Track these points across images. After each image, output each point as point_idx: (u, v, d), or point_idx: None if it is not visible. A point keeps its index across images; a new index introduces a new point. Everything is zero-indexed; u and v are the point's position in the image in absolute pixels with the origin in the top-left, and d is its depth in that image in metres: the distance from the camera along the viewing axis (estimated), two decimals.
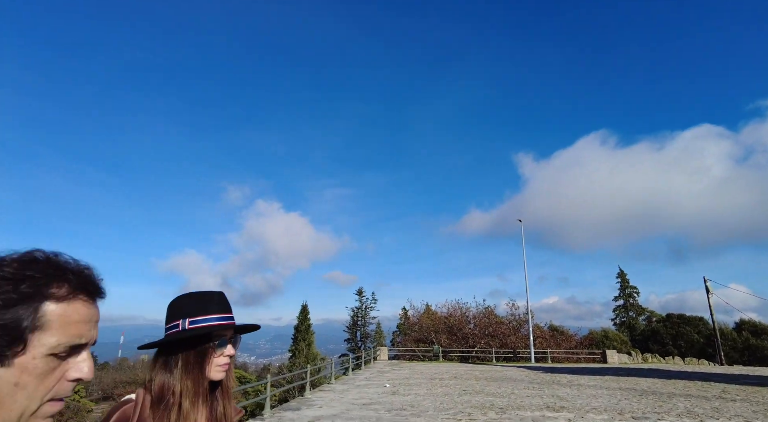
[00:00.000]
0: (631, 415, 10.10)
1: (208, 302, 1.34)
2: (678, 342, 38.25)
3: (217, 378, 1.33)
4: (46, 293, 0.72)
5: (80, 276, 0.75)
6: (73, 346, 0.73)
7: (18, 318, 0.69)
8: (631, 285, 50.13)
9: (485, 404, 11.71)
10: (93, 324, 0.75)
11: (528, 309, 30.46)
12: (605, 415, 10.12)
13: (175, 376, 1.25)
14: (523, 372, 21.05)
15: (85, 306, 0.75)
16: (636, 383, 16.48)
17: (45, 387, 0.70)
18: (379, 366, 24.80)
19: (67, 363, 0.73)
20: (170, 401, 1.23)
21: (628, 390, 14.52)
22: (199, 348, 1.30)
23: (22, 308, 0.70)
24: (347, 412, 10.57)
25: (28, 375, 0.69)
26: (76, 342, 0.73)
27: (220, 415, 1.36)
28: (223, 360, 1.34)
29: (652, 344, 39.36)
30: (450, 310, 33.83)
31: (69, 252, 0.76)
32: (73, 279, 0.74)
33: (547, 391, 14.24)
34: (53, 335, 0.71)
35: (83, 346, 0.74)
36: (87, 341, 0.75)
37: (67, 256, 0.74)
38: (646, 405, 11.53)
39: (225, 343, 1.35)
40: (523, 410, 10.87)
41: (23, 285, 0.70)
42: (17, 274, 0.71)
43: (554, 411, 10.74)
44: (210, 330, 1.30)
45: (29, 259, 0.73)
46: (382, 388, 14.95)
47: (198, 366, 1.28)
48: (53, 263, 0.73)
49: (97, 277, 0.76)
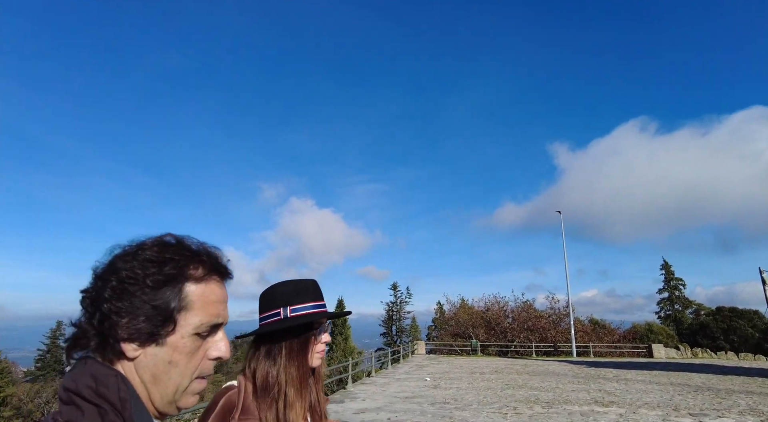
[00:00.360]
0: (688, 412, 9.64)
1: (306, 290, 1.34)
2: (730, 336, 36.47)
3: (316, 365, 1.34)
4: (187, 275, 0.73)
5: (213, 258, 0.78)
6: (212, 325, 0.75)
7: (167, 299, 0.71)
8: (676, 277, 48.13)
9: (530, 398, 11.47)
10: (226, 305, 0.79)
11: (569, 303, 29.72)
12: (659, 411, 9.71)
13: (279, 365, 1.25)
14: (565, 367, 20.55)
15: (219, 287, 0.77)
16: (688, 378, 15.78)
17: (193, 364, 0.73)
18: (417, 360, 24.78)
19: (207, 342, 0.75)
20: (275, 390, 1.22)
21: (680, 385, 13.92)
22: (302, 336, 1.30)
23: (168, 289, 0.71)
24: (391, 405, 10.58)
25: (179, 354, 0.71)
26: (215, 321, 0.75)
27: (315, 402, 1.36)
28: (321, 346, 1.35)
29: (701, 338, 37.69)
30: (488, 304, 33.41)
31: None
32: (207, 261, 0.76)
33: (593, 386, 13.83)
34: (196, 315, 0.73)
35: (220, 326, 0.77)
36: (223, 321, 0.77)
37: (196, 239, 0.78)
38: (702, 401, 10.99)
39: (323, 330, 1.36)
40: (570, 404, 10.58)
41: (167, 267, 0.71)
42: (160, 257, 0.72)
43: (603, 406, 10.40)
44: (315, 317, 1.30)
45: (166, 242, 0.75)
46: (423, 382, 14.91)
47: (302, 354, 1.29)
48: (187, 246, 0.76)
49: (226, 259, 0.80)
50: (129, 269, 0.70)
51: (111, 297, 0.68)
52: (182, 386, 0.72)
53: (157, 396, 0.71)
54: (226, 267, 0.80)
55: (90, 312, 0.69)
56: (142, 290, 0.69)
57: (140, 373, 0.70)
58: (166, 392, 0.71)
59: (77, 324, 0.71)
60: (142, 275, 0.70)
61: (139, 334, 0.69)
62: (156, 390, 0.70)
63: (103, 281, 0.70)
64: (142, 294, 0.69)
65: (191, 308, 0.73)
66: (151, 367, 0.70)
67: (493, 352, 29.52)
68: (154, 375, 0.70)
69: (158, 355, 0.70)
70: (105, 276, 0.70)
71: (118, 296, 0.68)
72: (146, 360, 0.70)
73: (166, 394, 0.71)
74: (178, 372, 0.71)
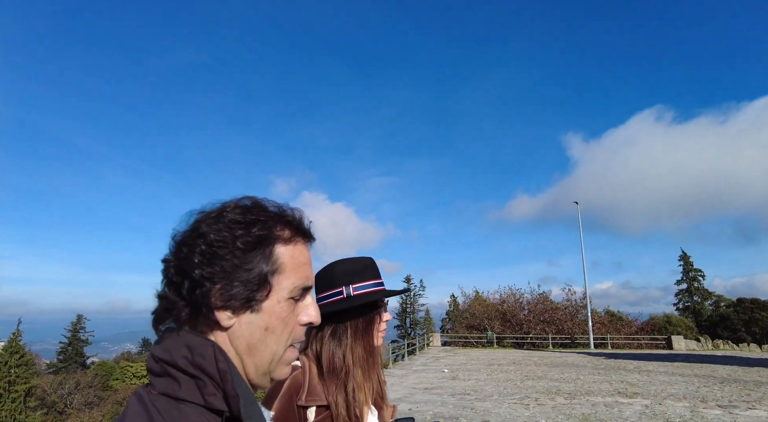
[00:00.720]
0: (716, 403, 9.41)
1: (365, 267, 1.29)
2: (752, 328, 35.80)
3: (379, 344, 1.28)
4: (275, 236, 0.69)
5: (298, 220, 0.74)
6: (303, 288, 0.72)
7: (259, 261, 0.66)
8: (695, 268, 47.34)
9: (551, 389, 11.32)
10: (312, 267, 0.76)
11: (586, 294, 29.38)
12: (686, 402, 9.49)
13: (345, 345, 1.20)
14: (584, 358, 20.32)
15: (305, 249, 0.74)
16: (713, 370, 15.46)
17: (288, 331, 0.69)
18: (433, 352, 24.74)
19: (298, 307, 0.72)
20: (343, 372, 1.17)
21: (705, 377, 13.63)
22: (367, 316, 1.25)
23: (259, 252, 0.66)
24: (410, 396, 10.52)
25: (276, 319, 0.67)
26: (306, 284, 0.72)
27: (376, 383, 1.30)
28: (384, 325, 1.31)
29: (722, 330, 37.06)
30: (503, 296, 33.20)
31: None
32: (292, 222, 0.72)
33: (614, 377, 13.63)
34: (288, 277, 0.69)
35: (309, 289, 0.74)
36: (312, 284, 0.74)
37: (275, 201, 0.74)
38: (730, 393, 10.73)
39: (384, 309, 1.31)
40: (592, 395, 10.41)
41: (254, 228, 0.66)
42: (246, 218, 0.67)
43: (627, 397, 10.21)
44: (378, 296, 1.24)
45: (249, 204, 0.70)
46: (441, 373, 14.84)
47: (368, 334, 1.24)
48: (271, 207, 0.72)
49: (309, 221, 0.76)
50: (216, 232, 0.65)
51: (201, 263, 0.63)
52: (278, 354, 0.69)
53: (251, 368, 0.67)
54: (310, 229, 0.76)
55: (177, 281, 0.64)
56: (233, 253, 0.64)
57: (235, 344, 0.65)
58: (261, 362, 0.67)
59: (163, 295, 0.65)
60: (231, 237, 0.65)
61: (234, 300, 0.64)
62: (251, 360, 0.66)
63: (188, 247, 0.64)
64: (233, 258, 0.64)
65: (283, 270, 0.68)
66: (247, 336, 0.66)
67: (509, 344, 29.35)
68: (249, 345, 0.66)
69: (254, 322, 0.66)
70: (190, 241, 0.65)
71: (209, 261, 0.63)
72: (241, 328, 0.65)
73: (261, 364, 0.67)
74: (274, 339, 0.67)
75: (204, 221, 0.67)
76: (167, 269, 0.66)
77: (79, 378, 37.76)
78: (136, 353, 63.27)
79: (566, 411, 8.79)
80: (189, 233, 0.66)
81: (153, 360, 0.63)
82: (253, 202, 0.71)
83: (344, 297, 1.23)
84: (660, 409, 8.85)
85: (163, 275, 0.66)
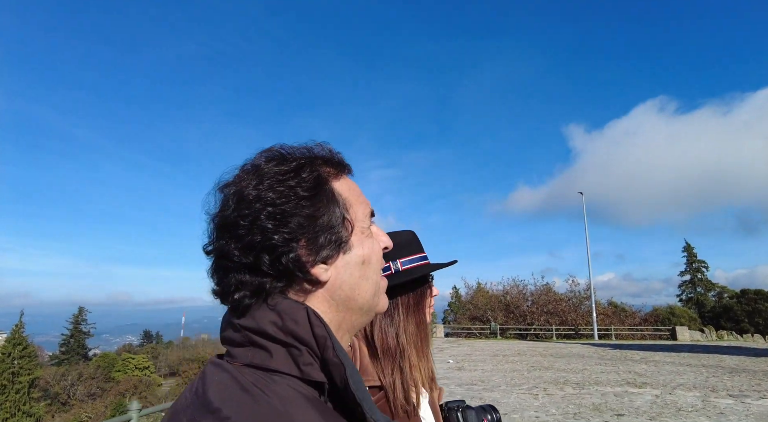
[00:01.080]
0: (727, 392, 9.29)
1: (410, 241, 1.20)
2: (755, 319, 35.76)
3: (429, 320, 1.19)
4: (325, 174, 0.64)
5: (332, 154, 0.68)
6: (371, 215, 0.69)
7: (328, 202, 0.61)
8: (699, 260, 47.24)
9: (559, 379, 11.22)
10: None
11: (590, 285, 29.29)
12: (696, 392, 9.37)
13: (397, 323, 1.11)
14: (589, 349, 20.25)
15: (352, 180, 0.70)
16: (720, 360, 15.36)
17: (378, 257, 0.65)
18: (436, 343, 24.69)
19: (372, 233, 0.68)
20: (398, 352, 1.06)
21: (713, 367, 13.52)
22: (417, 290, 1.15)
23: (322, 193, 0.61)
24: None
25: (367, 250, 0.63)
26: (371, 210, 0.69)
27: (429, 362, 1.20)
28: (432, 301, 1.21)
29: (725, 321, 37.02)
30: (506, 288, 33.15)
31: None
32: (329, 158, 0.67)
33: (621, 367, 13.53)
34: (358, 208, 0.65)
35: (373, 215, 0.71)
36: (373, 209, 0.71)
37: (292, 146, 0.67)
38: (740, 383, 10.61)
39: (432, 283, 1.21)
40: (601, 386, 10.30)
41: (304, 173, 0.61)
42: (289, 166, 0.61)
43: (637, 387, 10.10)
44: (427, 270, 1.14)
45: (279, 154, 0.64)
46: (446, 364, 14.76)
47: (419, 310, 1.14)
48: (300, 150, 0.66)
49: (339, 153, 0.70)
50: (270, 190, 0.58)
51: (277, 226, 0.56)
52: (378, 284, 0.65)
53: (356, 313, 0.62)
54: (346, 161, 0.70)
55: (250, 261, 0.56)
56: (300, 204, 0.58)
57: (337, 294, 0.60)
58: (366, 299, 0.63)
59: (237, 284, 0.57)
60: (288, 188, 0.58)
61: (324, 250, 0.59)
62: (355, 303, 0.62)
63: (249, 218, 0.56)
64: (303, 208, 0.58)
65: (350, 203, 0.64)
66: (347, 279, 0.61)
67: (512, 335, 29.33)
68: (352, 287, 0.61)
69: (350, 262, 0.62)
70: (246, 212, 0.57)
71: (282, 221, 0.57)
72: (339, 275, 0.61)
73: (366, 302, 0.63)
74: (372, 270, 0.64)
75: (245, 186, 0.59)
76: (226, 255, 0.57)
77: (82, 369, 37.96)
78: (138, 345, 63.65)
79: (576, 401, 8.67)
80: (238, 205, 0.57)
81: (233, 329, 0.57)
82: (278, 151, 0.65)
83: (393, 273, 1.13)
84: (671, 399, 8.73)
85: (221, 265, 0.58)
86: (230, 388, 0.51)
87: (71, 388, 34.77)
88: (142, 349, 55.28)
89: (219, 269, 0.59)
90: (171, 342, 68.98)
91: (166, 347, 60.01)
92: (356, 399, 0.52)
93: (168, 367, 49.32)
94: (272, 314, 0.55)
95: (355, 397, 0.52)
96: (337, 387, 0.54)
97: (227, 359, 0.56)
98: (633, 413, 7.62)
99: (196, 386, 0.55)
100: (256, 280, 0.56)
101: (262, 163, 0.62)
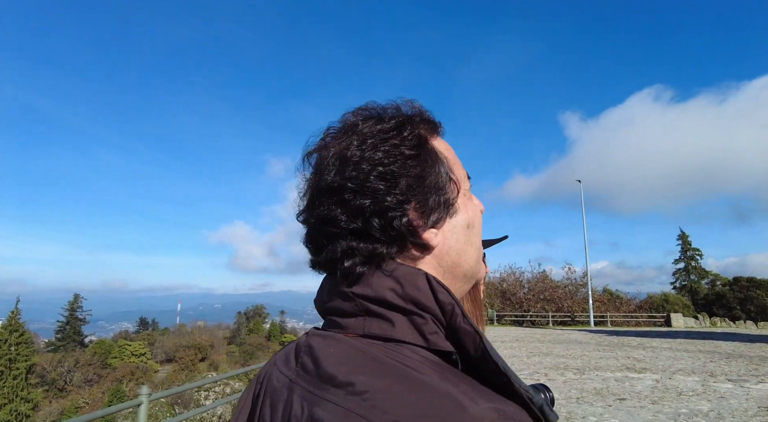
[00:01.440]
0: (726, 377, 9.39)
1: None
2: (747, 306, 36.21)
3: (483, 297, 1.12)
4: (423, 132, 0.59)
5: (424, 113, 0.63)
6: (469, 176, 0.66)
7: (433, 161, 0.57)
8: (693, 248, 47.62)
9: (559, 365, 11.30)
10: None
11: (587, 273, 29.55)
12: (695, 377, 9.47)
13: None
14: (587, 335, 20.43)
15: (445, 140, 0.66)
16: (716, 346, 15.54)
17: (479, 220, 0.62)
18: None
19: (471, 197, 0.64)
20: None
21: (710, 353, 13.68)
22: None
23: (425, 152, 0.57)
24: None
25: (471, 213, 0.59)
26: (467, 171, 0.65)
27: None
28: (485, 278, 1.08)
29: (717, 308, 37.48)
30: (503, 275, 33.33)
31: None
32: (423, 117, 0.62)
33: (620, 353, 13.65)
34: (458, 168, 0.62)
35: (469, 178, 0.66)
36: None
37: (379, 105, 0.62)
38: (738, 368, 10.74)
39: None
40: (601, 371, 10.38)
41: (405, 132, 0.57)
42: (389, 124, 0.57)
43: (636, 372, 10.19)
44: (485, 245, 1.05)
45: (373, 113, 0.60)
46: None
47: (475, 287, 1.05)
48: (392, 108, 0.61)
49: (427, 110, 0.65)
50: (375, 149, 0.54)
51: (388, 187, 0.52)
52: (481, 251, 0.62)
53: (461, 280, 0.59)
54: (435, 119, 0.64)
55: (359, 227, 0.52)
56: (406, 163, 0.54)
57: (444, 260, 0.56)
58: (470, 264, 0.59)
59: (346, 250, 0.53)
60: (393, 147, 0.54)
61: (434, 213, 0.55)
62: (460, 270, 0.58)
63: (357, 181, 0.52)
64: (411, 168, 0.54)
65: (452, 164, 0.60)
66: (454, 244, 0.57)
67: (508, 322, 29.58)
68: (458, 252, 0.58)
69: (457, 225, 0.58)
70: (354, 174, 0.53)
71: (392, 181, 0.53)
72: (447, 240, 0.57)
73: (470, 267, 0.59)
74: (476, 234, 0.61)
75: (346, 147, 0.54)
76: (331, 221, 0.53)
77: (78, 356, 37.98)
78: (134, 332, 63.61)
79: (578, 385, 8.73)
80: (342, 167, 0.53)
81: (343, 298, 0.53)
82: (373, 108, 0.60)
83: None
84: (671, 383, 8.81)
85: (324, 232, 0.54)
86: (358, 360, 0.47)
87: (68, 374, 34.81)
88: (138, 336, 55.32)
89: (321, 236, 0.55)
90: (167, 328, 69.03)
91: (162, 333, 60.02)
92: (500, 368, 0.48)
93: (164, 354, 49.44)
94: (390, 281, 0.51)
95: (498, 366, 0.48)
96: (470, 356, 0.49)
97: (335, 330, 0.52)
98: (635, 397, 7.68)
99: (303, 360, 0.51)
100: (367, 246, 0.52)
101: (360, 122, 0.58)
